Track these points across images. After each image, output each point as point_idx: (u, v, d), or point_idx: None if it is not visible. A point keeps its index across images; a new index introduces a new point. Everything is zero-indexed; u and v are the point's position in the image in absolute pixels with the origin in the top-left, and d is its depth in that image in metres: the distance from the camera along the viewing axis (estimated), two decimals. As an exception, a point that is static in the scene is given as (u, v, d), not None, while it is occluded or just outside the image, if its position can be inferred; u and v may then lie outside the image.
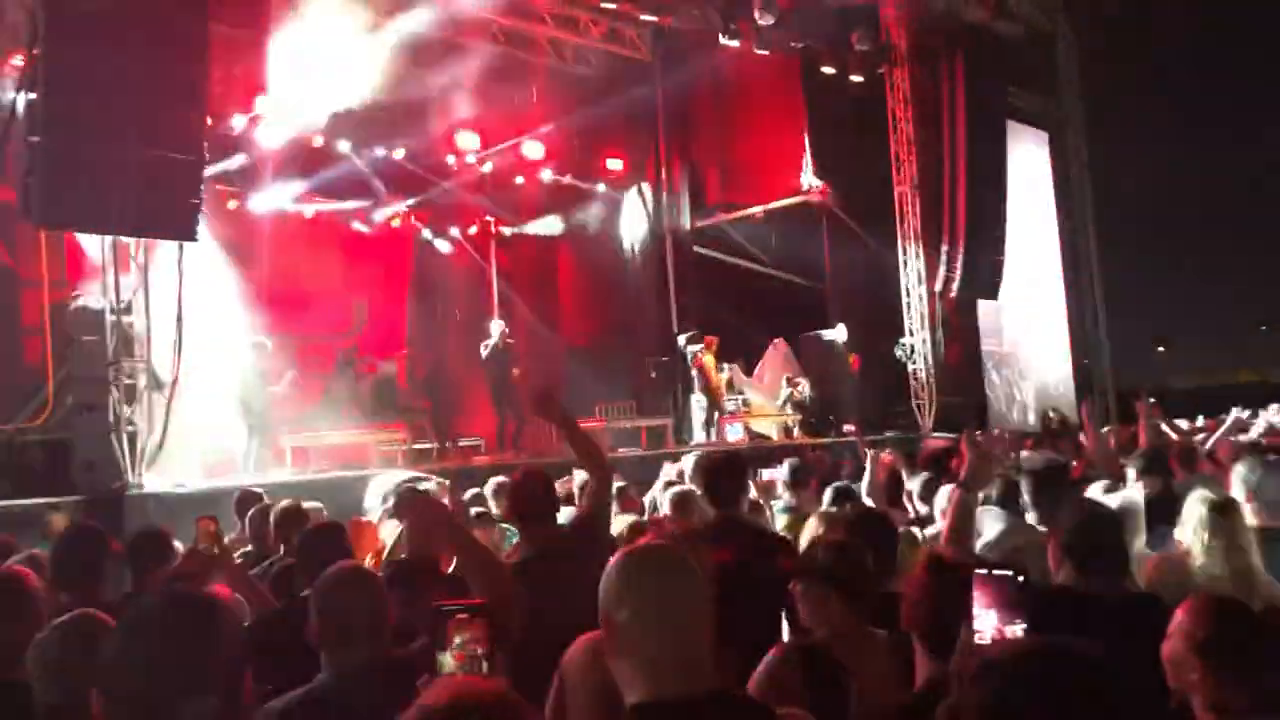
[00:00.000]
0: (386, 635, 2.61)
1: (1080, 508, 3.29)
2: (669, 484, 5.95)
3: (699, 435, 14.04)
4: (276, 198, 13.94)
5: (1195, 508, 3.45)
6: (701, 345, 14.02)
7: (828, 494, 5.49)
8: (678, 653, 1.81)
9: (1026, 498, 4.45)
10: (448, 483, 7.02)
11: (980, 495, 3.55)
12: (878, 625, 2.79)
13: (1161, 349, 27.10)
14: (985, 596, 1.95)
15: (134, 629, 1.75)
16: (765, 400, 15.22)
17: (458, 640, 1.84)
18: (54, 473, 8.78)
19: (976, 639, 1.93)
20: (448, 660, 1.85)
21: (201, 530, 3.64)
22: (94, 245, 9.01)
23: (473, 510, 5.63)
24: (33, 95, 7.78)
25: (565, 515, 4.21)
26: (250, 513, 5.53)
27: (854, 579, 2.79)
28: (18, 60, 8.30)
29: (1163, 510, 4.01)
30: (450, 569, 3.77)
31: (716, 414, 14.06)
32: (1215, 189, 23.77)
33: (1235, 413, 8.70)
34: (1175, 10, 22.13)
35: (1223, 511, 3.40)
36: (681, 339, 14.71)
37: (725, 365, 14.75)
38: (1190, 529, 3.43)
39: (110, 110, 7.88)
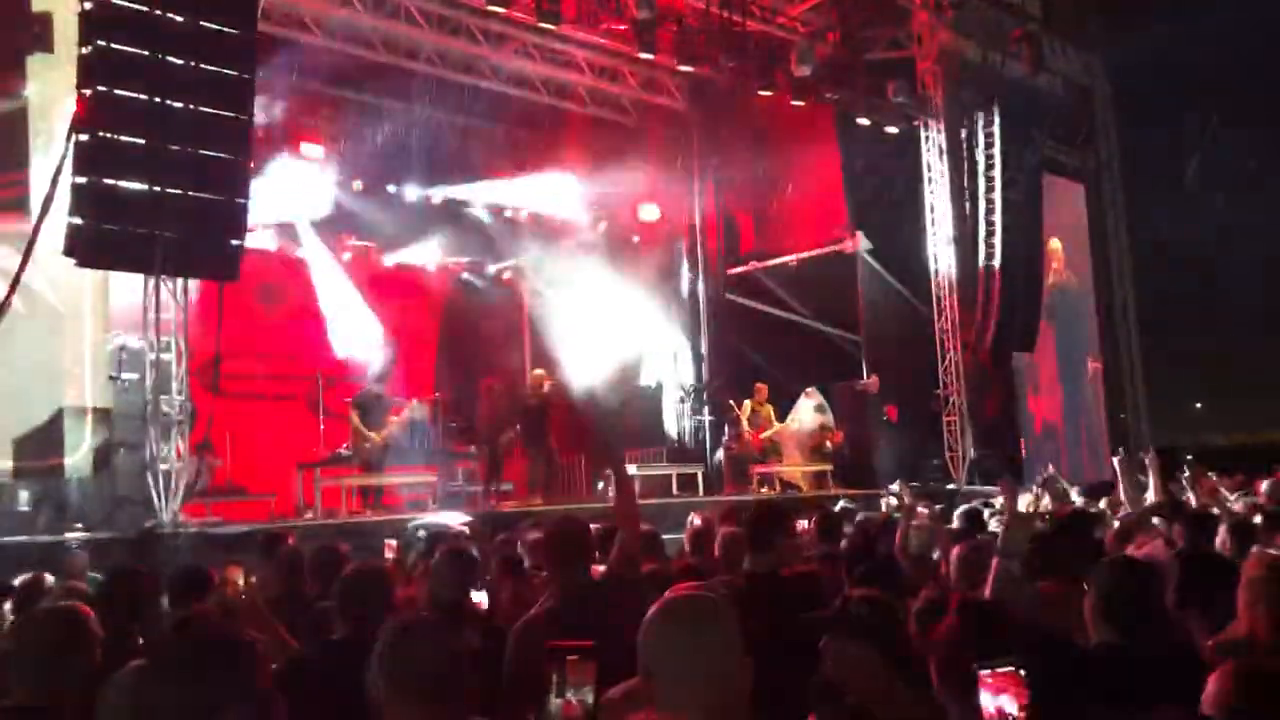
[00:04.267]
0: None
1: (1114, 564, 3.21)
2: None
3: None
4: (315, 239, 14.13)
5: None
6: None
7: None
8: (715, 700, 1.81)
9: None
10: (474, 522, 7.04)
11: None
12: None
13: (1199, 405, 26.68)
14: (990, 691, 1.94)
15: (163, 670, 1.76)
16: (797, 450, 15.11)
17: (571, 687, 1.85)
18: (90, 509, 8.84)
19: None
20: (556, 705, 1.85)
21: (228, 578, 3.66)
22: (136, 284, 9.16)
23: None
24: (82, 137, 7.97)
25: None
26: (278, 554, 5.52)
27: (891, 636, 2.70)
28: (70, 104, 8.49)
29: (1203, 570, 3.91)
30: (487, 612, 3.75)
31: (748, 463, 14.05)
32: (1256, 242, 23.51)
33: None
34: (1215, 62, 22.06)
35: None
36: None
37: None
38: None
39: (156, 152, 8.05)
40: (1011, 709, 1.92)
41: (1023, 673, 1.95)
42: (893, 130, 14.56)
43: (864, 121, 14.26)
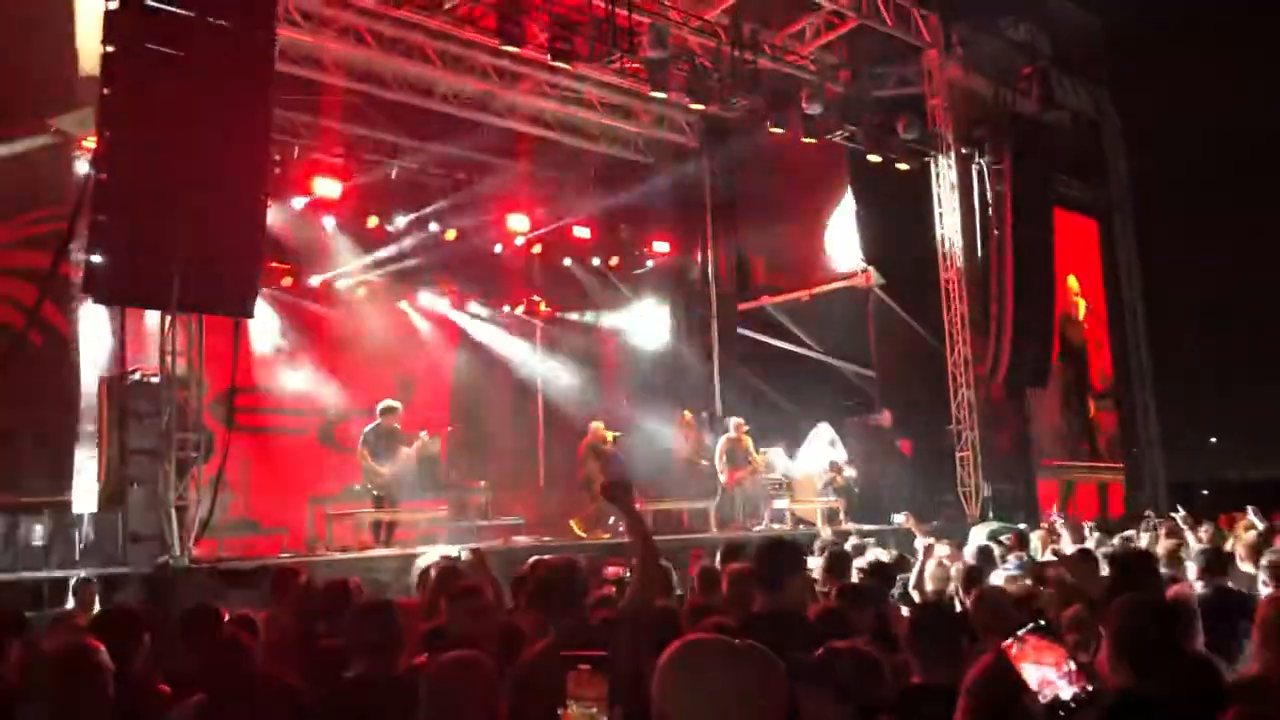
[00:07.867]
0: None
1: (1129, 605, 3.18)
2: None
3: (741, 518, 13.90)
4: (330, 275, 14.25)
5: None
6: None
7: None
8: None
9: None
10: (480, 549, 7.03)
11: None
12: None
13: (1214, 440, 26.46)
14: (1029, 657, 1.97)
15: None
16: (808, 485, 15.04)
17: (576, 699, 1.82)
18: (103, 545, 8.86)
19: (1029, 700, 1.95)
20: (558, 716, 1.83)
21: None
22: (152, 320, 9.23)
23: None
24: (102, 175, 8.06)
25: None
26: (290, 590, 5.51)
27: (863, 687, 2.66)
28: (91, 142, 8.61)
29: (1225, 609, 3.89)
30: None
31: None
32: (1270, 272, 23.41)
33: None
34: (1225, 95, 22.11)
35: None
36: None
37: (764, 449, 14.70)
38: None
39: (174, 190, 8.12)
40: (1053, 675, 1.95)
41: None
42: (904, 166, 14.60)
43: (875, 158, 14.31)
